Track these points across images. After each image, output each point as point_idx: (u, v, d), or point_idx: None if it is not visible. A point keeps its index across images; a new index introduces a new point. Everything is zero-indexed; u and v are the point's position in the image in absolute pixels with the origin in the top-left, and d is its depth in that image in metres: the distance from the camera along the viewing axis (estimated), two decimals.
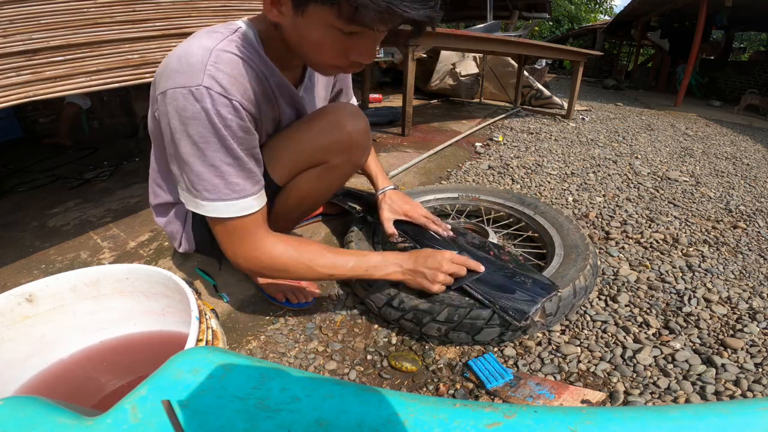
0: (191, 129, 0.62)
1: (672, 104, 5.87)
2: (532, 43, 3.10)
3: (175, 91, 0.61)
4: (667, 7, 6.99)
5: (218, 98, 0.62)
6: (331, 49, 0.62)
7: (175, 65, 0.62)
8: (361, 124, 0.84)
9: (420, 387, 0.83)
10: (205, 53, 0.62)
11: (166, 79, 0.63)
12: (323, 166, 0.84)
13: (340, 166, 0.85)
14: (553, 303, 0.89)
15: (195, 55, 0.62)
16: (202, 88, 0.60)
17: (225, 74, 0.62)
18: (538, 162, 2.34)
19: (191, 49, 0.63)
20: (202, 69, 0.61)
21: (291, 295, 1.00)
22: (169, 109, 0.62)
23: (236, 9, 1.26)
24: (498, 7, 5.86)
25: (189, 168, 0.65)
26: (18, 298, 0.67)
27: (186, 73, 0.61)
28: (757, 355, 0.91)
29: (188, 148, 0.64)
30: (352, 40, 0.61)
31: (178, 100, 0.61)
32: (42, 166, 1.89)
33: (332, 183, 0.89)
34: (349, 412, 0.36)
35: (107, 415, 0.35)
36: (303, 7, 0.57)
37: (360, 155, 0.87)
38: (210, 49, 0.63)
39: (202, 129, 0.62)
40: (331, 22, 0.57)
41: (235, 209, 0.68)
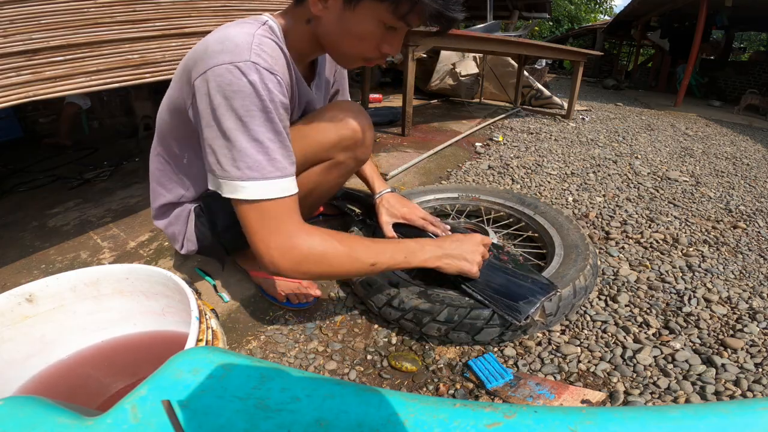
0: (236, 102, 0.61)
1: (672, 104, 5.87)
2: (532, 43, 3.10)
3: (220, 67, 0.61)
4: (667, 7, 6.99)
5: (265, 73, 0.63)
6: (371, 41, 0.68)
7: (218, 47, 0.63)
8: (366, 121, 0.85)
9: (420, 387, 0.83)
10: (248, 37, 0.64)
11: (207, 60, 0.63)
12: (328, 162, 0.85)
13: (345, 163, 0.86)
14: (553, 303, 0.89)
15: (238, 36, 0.63)
16: (250, 62, 0.61)
17: (269, 55, 0.64)
18: (538, 162, 2.34)
19: (231, 34, 0.64)
20: (248, 48, 0.62)
21: (291, 295, 1.00)
22: (212, 86, 0.62)
23: (236, 9, 1.26)
24: (498, 7, 5.86)
25: (231, 144, 0.63)
26: (18, 298, 0.67)
27: (232, 52, 0.62)
28: (757, 355, 0.91)
29: (232, 123, 0.62)
30: (390, 34, 0.68)
31: (224, 75, 0.61)
32: (42, 166, 1.89)
33: (336, 179, 0.90)
34: (349, 412, 0.36)
35: (107, 415, 0.35)
36: (355, 2, 0.63)
37: (364, 151, 0.88)
38: (252, 33, 0.65)
39: (248, 102, 0.62)
40: (381, 17, 0.64)
41: (276, 189, 0.65)
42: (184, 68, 0.69)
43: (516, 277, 0.92)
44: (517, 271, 0.94)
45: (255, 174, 0.63)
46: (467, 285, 0.88)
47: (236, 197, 0.64)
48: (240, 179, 0.63)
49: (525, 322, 0.82)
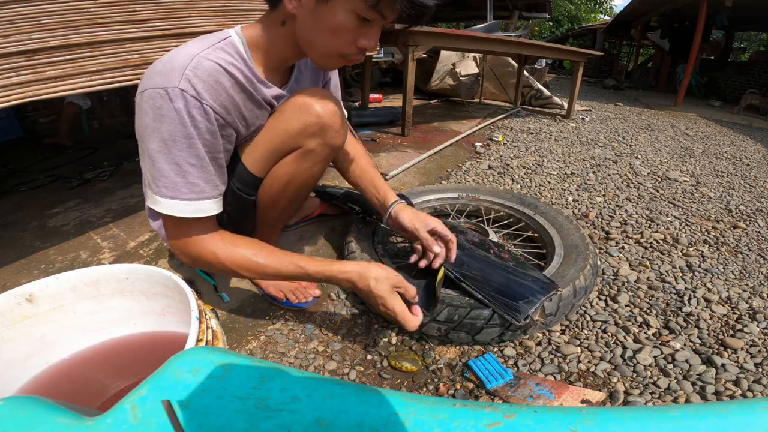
0: (163, 127, 0.65)
1: (672, 104, 5.87)
2: (532, 43, 3.10)
3: (153, 90, 0.65)
4: (667, 7, 6.99)
5: (191, 100, 0.65)
6: (346, 35, 0.69)
7: (159, 68, 0.67)
8: (330, 106, 0.83)
9: (420, 387, 0.83)
10: (186, 59, 0.66)
11: (147, 80, 0.67)
12: (299, 151, 0.84)
13: (316, 150, 0.85)
14: (553, 303, 0.89)
15: (178, 59, 0.66)
16: (177, 89, 0.64)
17: (200, 80, 0.66)
18: (538, 162, 2.34)
19: (177, 54, 0.67)
20: (180, 73, 0.65)
21: (291, 295, 1.00)
22: (145, 107, 0.66)
23: (236, 9, 1.26)
24: (498, 7, 5.85)
25: (153, 164, 0.68)
26: (18, 298, 0.67)
27: (166, 75, 0.65)
28: (757, 355, 0.91)
29: (155, 145, 0.66)
30: (364, 27, 0.69)
31: (155, 99, 0.65)
32: (42, 166, 1.88)
33: (311, 168, 0.88)
34: (349, 412, 0.36)
35: (107, 415, 0.35)
36: None
37: (334, 136, 0.85)
38: (193, 55, 0.67)
39: (172, 127, 0.65)
40: (354, 7, 0.65)
41: (190, 209, 0.70)
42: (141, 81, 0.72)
43: (516, 276, 0.92)
44: (518, 270, 0.94)
45: (170, 193, 0.69)
46: (467, 284, 0.88)
47: (155, 209, 0.70)
48: (158, 195, 0.69)
49: (524, 322, 0.82)
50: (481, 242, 1.07)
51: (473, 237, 1.09)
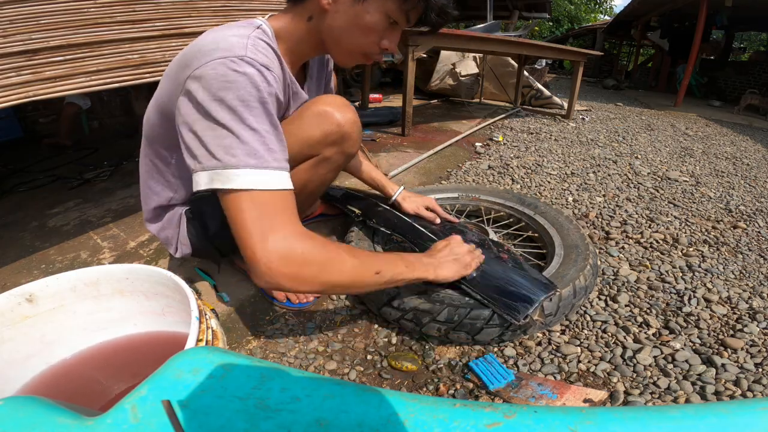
0: (231, 94, 0.59)
1: (672, 104, 5.87)
2: (532, 43, 3.10)
3: (214, 62, 0.59)
4: (667, 7, 6.99)
5: (260, 67, 0.62)
6: (374, 35, 0.72)
7: (212, 46, 0.62)
8: (350, 115, 0.84)
9: (420, 387, 0.83)
10: (242, 38, 0.64)
11: (200, 59, 0.61)
12: (316, 159, 0.84)
13: (333, 158, 0.85)
14: (553, 303, 0.89)
15: (233, 38, 0.64)
16: (246, 57, 0.61)
17: (263, 55, 0.65)
18: (538, 162, 2.34)
19: (225, 35, 0.65)
20: (243, 46, 0.62)
21: (291, 295, 1.00)
22: (205, 81, 0.59)
23: (236, 9, 1.26)
24: (498, 7, 5.85)
25: (227, 133, 0.58)
26: (18, 298, 0.67)
27: (228, 49, 0.61)
28: (757, 355, 0.91)
29: (227, 114, 0.58)
30: (390, 30, 0.72)
31: (218, 69, 0.59)
32: (42, 166, 1.89)
33: (325, 175, 0.89)
34: (349, 412, 0.36)
35: (107, 415, 0.35)
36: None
37: (351, 145, 0.86)
38: (247, 35, 0.66)
39: (243, 92, 0.59)
40: (388, 10, 0.69)
41: (275, 180, 0.60)
42: (175, 69, 0.67)
43: (515, 276, 0.91)
44: (517, 269, 0.94)
45: (252, 161, 0.58)
46: (467, 284, 0.88)
47: (229, 187, 0.58)
48: (235, 167, 0.58)
49: (524, 322, 0.82)
50: (481, 242, 1.07)
51: (473, 236, 1.09)
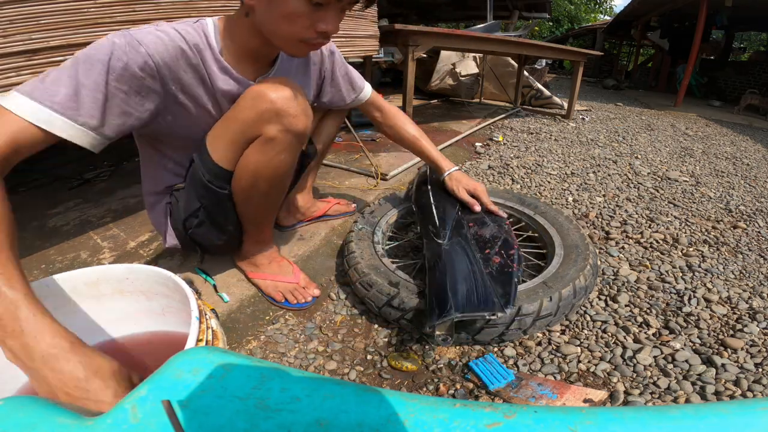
0: (88, 51, 0.63)
1: (672, 104, 5.87)
2: (532, 43, 3.10)
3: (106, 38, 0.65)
4: (667, 7, 6.99)
5: (134, 43, 0.66)
6: (302, 20, 0.70)
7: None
8: (286, 91, 0.80)
9: (420, 387, 0.83)
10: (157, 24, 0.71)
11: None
12: (260, 139, 0.82)
13: (278, 137, 0.82)
14: (552, 303, 0.89)
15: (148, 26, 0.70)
16: (129, 33, 0.66)
17: (155, 37, 0.68)
18: (538, 162, 2.34)
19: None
20: (145, 29, 0.68)
21: (290, 295, 1.00)
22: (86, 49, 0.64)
23: (236, 9, 1.25)
24: (498, 7, 5.85)
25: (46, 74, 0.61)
26: None
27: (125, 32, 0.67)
28: (757, 355, 0.91)
29: (68, 62, 0.62)
30: (320, 11, 0.70)
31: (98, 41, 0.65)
32: (42, 166, 1.88)
33: (278, 157, 0.85)
34: (349, 412, 0.36)
35: (107, 415, 0.35)
36: None
37: (293, 122, 0.82)
38: (164, 23, 0.71)
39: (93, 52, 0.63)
40: None
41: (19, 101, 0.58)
42: None
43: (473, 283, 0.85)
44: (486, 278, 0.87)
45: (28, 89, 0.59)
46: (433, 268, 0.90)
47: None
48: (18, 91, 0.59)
49: (428, 331, 0.81)
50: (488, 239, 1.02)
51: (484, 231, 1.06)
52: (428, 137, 1.27)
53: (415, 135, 1.20)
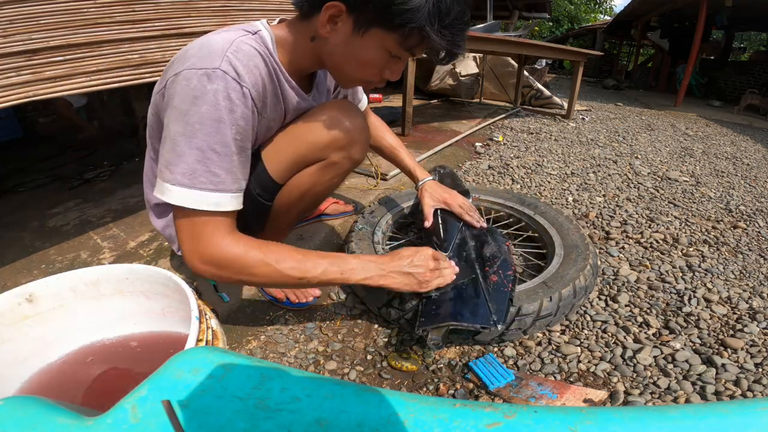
0: (193, 109, 0.61)
1: (672, 104, 5.87)
2: (532, 43, 3.10)
3: (190, 71, 0.62)
4: (667, 7, 6.99)
5: (231, 82, 0.63)
6: (376, 67, 0.70)
7: (195, 51, 0.64)
8: (359, 121, 0.85)
9: (420, 387, 0.83)
10: (226, 43, 0.65)
11: (182, 63, 0.64)
12: (323, 163, 0.84)
13: (340, 163, 0.85)
14: (552, 303, 0.89)
15: (217, 42, 0.65)
16: (219, 71, 0.62)
17: (241, 63, 0.64)
18: (538, 162, 2.34)
19: (213, 38, 0.66)
20: (221, 55, 0.63)
21: (291, 295, 1.00)
22: (179, 88, 0.62)
23: (236, 9, 1.26)
24: (498, 7, 5.86)
25: (172, 148, 0.62)
26: (18, 298, 0.67)
27: (205, 57, 0.62)
28: (757, 355, 0.91)
29: (180, 127, 0.62)
30: (393, 61, 0.70)
31: (191, 80, 0.61)
32: (42, 166, 1.88)
33: (332, 179, 0.89)
34: (349, 412, 0.36)
35: (107, 415, 0.35)
36: (365, 29, 0.65)
37: (358, 150, 0.87)
38: (231, 40, 0.65)
39: (203, 110, 0.61)
40: (388, 46, 0.66)
41: (207, 201, 0.63)
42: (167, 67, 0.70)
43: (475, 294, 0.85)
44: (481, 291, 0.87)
45: (185, 181, 0.62)
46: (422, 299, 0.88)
47: (164, 199, 0.64)
48: (170, 182, 0.63)
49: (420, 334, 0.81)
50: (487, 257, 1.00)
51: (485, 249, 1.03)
52: (427, 139, 1.25)
53: (392, 144, 1.16)
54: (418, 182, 1.16)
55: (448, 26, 0.63)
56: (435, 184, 1.16)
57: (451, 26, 0.63)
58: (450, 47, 0.66)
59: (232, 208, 0.67)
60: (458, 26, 0.64)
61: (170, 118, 0.63)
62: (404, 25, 0.62)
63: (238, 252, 0.66)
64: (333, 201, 1.42)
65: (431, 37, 0.63)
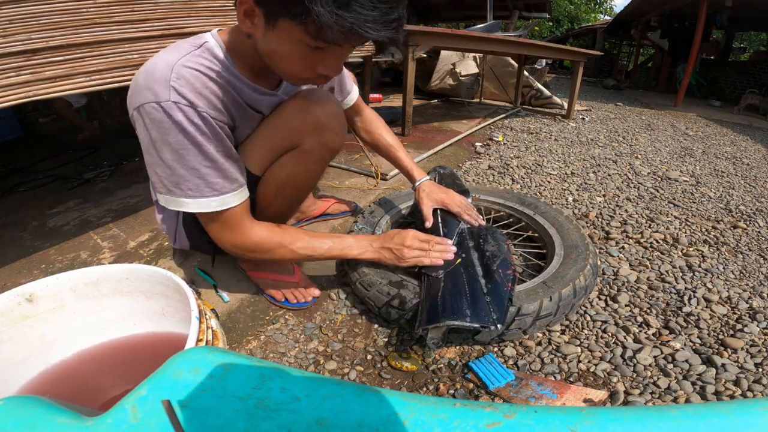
0: (170, 138, 0.68)
1: (672, 104, 5.87)
2: (532, 43, 3.10)
3: (148, 105, 0.66)
4: (667, 7, 6.99)
5: (187, 110, 0.67)
6: (300, 61, 0.66)
7: (143, 82, 0.67)
8: (330, 107, 0.85)
9: (420, 387, 0.83)
10: (166, 70, 0.66)
11: (137, 95, 0.68)
12: (296, 150, 0.85)
13: (314, 150, 0.86)
14: (552, 303, 0.89)
15: (158, 71, 0.66)
16: (171, 102, 0.65)
17: (187, 89, 0.67)
18: (538, 162, 2.34)
19: (155, 65, 0.67)
20: (166, 85, 0.65)
21: (290, 295, 1.00)
22: (146, 121, 0.68)
23: (235, 9, 1.25)
24: (498, 7, 5.85)
25: (172, 172, 0.71)
26: (18, 298, 0.67)
27: (152, 89, 0.66)
28: (757, 355, 0.91)
29: (169, 155, 0.69)
30: (319, 54, 0.65)
31: (152, 114, 0.66)
32: (42, 166, 1.89)
33: (309, 167, 0.89)
34: (349, 412, 0.36)
35: (107, 415, 0.35)
36: (273, 21, 0.61)
37: (332, 137, 0.87)
38: (171, 65, 0.66)
39: (179, 138, 0.68)
40: (299, 37, 0.61)
41: (215, 204, 0.75)
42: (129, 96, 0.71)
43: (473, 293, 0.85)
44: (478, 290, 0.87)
45: (195, 194, 0.73)
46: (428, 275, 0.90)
47: (183, 210, 0.75)
48: (183, 197, 0.73)
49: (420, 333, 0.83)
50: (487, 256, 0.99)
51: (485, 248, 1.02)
52: (427, 138, 1.26)
53: (390, 143, 1.17)
54: (415, 182, 1.16)
55: (345, 6, 0.54)
56: (432, 184, 1.17)
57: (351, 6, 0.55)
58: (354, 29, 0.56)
59: (239, 201, 0.78)
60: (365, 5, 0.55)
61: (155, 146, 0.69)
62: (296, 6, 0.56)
63: (260, 238, 0.81)
64: (334, 201, 1.42)
65: (322, 20, 0.55)
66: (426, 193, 1.13)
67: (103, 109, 2.75)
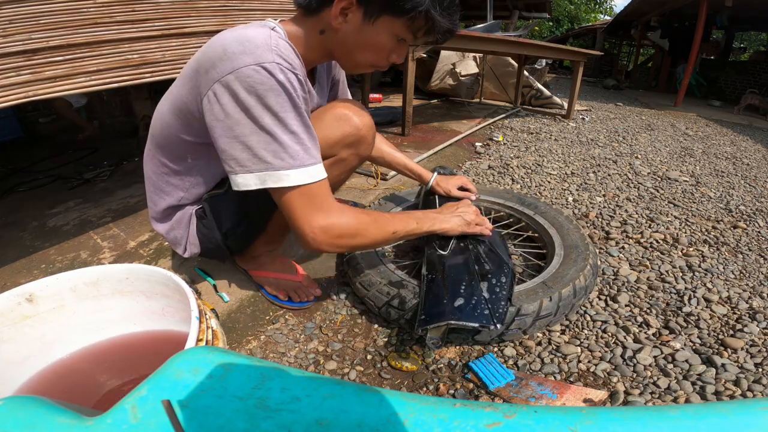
0: (270, 100, 0.65)
1: (672, 104, 5.87)
2: (532, 43, 3.10)
3: (247, 68, 0.64)
4: (667, 7, 6.99)
5: (289, 73, 0.67)
6: (384, 51, 0.76)
7: (238, 48, 0.65)
8: (367, 119, 0.88)
9: (420, 387, 0.83)
10: (266, 38, 0.67)
11: (228, 62, 0.65)
12: (332, 159, 0.86)
13: (348, 159, 0.89)
14: (552, 303, 0.89)
15: (257, 38, 0.67)
16: (275, 64, 0.65)
17: (287, 54, 0.69)
18: (538, 162, 2.34)
19: (249, 35, 0.67)
20: (269, 49, 0.66)
21: (293, 294, 1.00)
22: (241, 86, 0.65)
23: (236, 9, 1.26)
24: (498, 7, 5.85)
25: (272, 138, 0.67)
26: (18, 298, 0.67)
27: (253, 53, 0.65)
28: (757, 355, 0.91)
29: (269, 119, 0.66)
30: (400, 46, 0.76)
31: (253, 76, 0.64)
32: (42, 166, 1.89)
33: (339, 176, 0.92)
34: (349, 412, 0.36)
35: (107, 415, 0.35)
36: (375, 16, 0.70)
37: (366, 148, 0.90)
38: (268, 35, 0.68)
39: (281, 99, 0.66)
40: (397, 31, 0.72)
41: (315, 173, 0.71)
42: (198, 69, 0.70)
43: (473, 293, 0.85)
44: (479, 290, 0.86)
45: (297, 163, 0.69)
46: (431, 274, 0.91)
47: (281, 185, 0.69)
48: (284, 168, 0.68)
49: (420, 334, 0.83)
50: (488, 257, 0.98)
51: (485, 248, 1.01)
52: (427, 138, 1.28)
53: (391, 151, 1.21)
54: (429, 180, 1.26)
55: (447, 8, 0.71)
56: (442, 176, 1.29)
57: (449, 8, 0.71)
58: (452, 26, 0.73)
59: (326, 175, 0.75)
60: (453, 8, 0.73)
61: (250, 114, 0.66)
62: (412, 10, 0.68)
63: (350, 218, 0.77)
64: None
65: (436, 19, 0.70)
66: (445, 183, 1.26)
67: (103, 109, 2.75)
